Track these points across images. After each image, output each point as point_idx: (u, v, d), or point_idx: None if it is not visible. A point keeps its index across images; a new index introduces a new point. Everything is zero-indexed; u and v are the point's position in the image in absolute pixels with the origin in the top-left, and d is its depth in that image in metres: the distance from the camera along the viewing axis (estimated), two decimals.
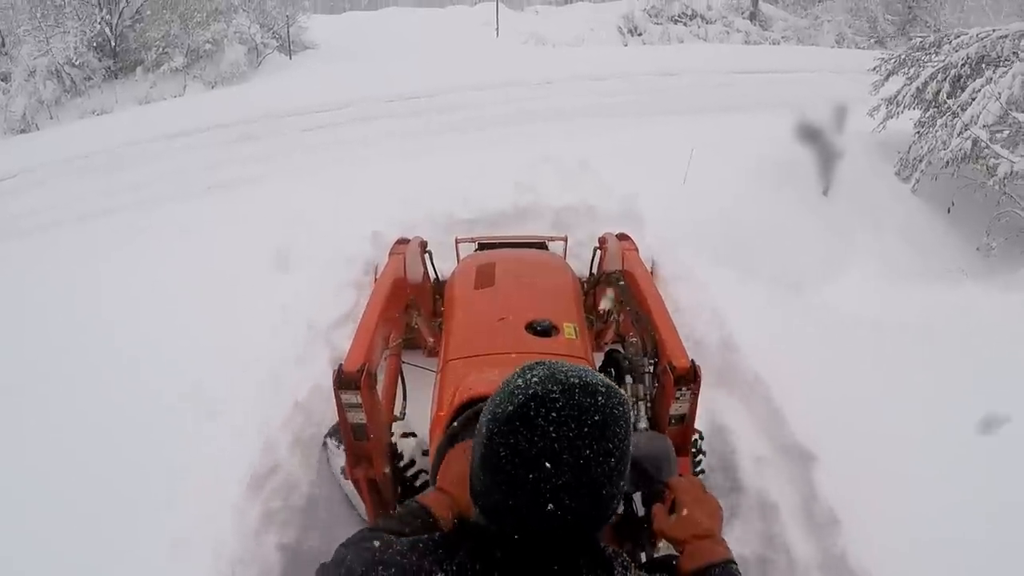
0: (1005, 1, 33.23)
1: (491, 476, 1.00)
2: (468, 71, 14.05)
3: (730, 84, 13.03)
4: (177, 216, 6.28)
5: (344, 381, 2.36)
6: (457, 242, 3.92)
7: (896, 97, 8.08)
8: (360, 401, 2.38)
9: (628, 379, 2.67)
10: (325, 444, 3.14)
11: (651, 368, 2.66)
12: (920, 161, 7.59)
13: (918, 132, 7.85)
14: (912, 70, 8.21)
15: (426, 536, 1.09)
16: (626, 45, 20.25)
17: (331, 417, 2.98)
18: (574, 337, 2.60)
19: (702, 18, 21.63)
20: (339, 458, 2.85)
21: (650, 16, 21.15)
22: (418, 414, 2.85)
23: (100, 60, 18.03)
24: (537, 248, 3.85)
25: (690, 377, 2.38)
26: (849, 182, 7.02)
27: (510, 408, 0.99)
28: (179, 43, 17.48)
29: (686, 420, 2.49)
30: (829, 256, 6.12)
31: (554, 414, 0.96)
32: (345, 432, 2.49)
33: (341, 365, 2.40)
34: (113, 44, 17.93)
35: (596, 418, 0.98)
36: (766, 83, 13.19)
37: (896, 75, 8.44)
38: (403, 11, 26.97)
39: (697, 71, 13.94)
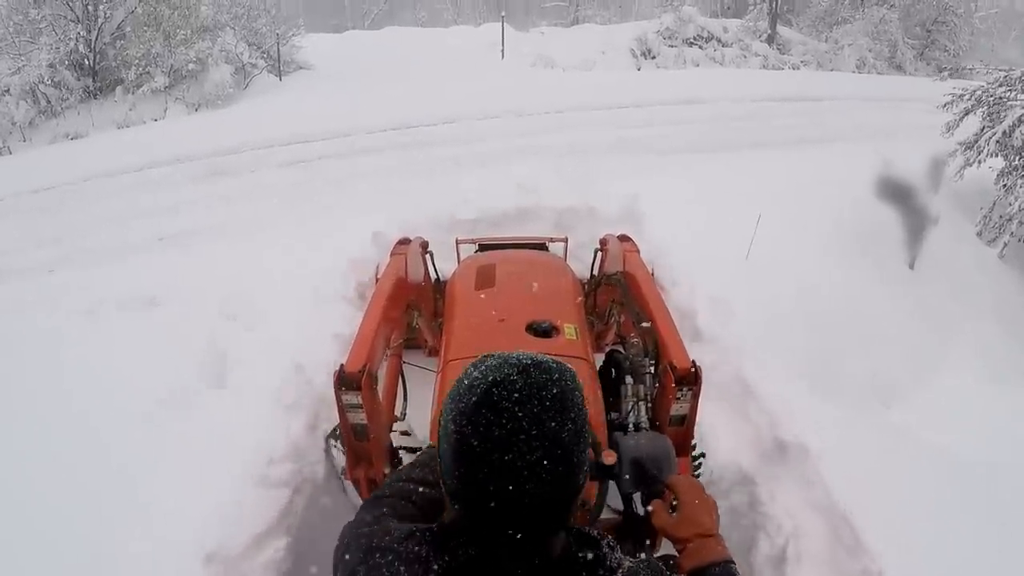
0: (1013, 22, 32.30)
1: (468, 467, 0.99)
2: (471, 97, 12.82)
3: (760, 115, 11.79)
4: (92, 291, 4.95)
5: (345, 381, 2.35)
6: (457, 243, 3.88)
7: (976, 143, 6.80)
8: (361, 401, 2.38)
9: (628, 379, 2.62)
10: (327, 444, 3.02)
11: (652, 368, 2.62)
12: (1009, 221, 6.32)
13: (1004, 185, 6.58)
14: (993, 109, 6.92)
15: (424, 526, 1.11)
16: (639, 69, 19.02)
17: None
18: (574, 338, 2.59)
19: (718, 41, 20.43)
20: (342, 459, 2.78)
21: (664, 39, 19.93)
22: (418, 414, 2.96)
23: (78, 79, 16.79)
24: (538, 249, 3.83)
25: (691, 378, 2.37)
26: (931, 248, 5.74)
27: (474, 399, 0.99)
28: (161, 62, 16.26)
29: (686, 420, 2.48)
30: (921, 353, 4.83)
31: (516, 395, 0.98)
32: (346, 432, 2.51)
33: (342, 365, 2.39)
34: (92, 62, 16.71)
35: (555, 391, 1.00)
36: (800, 113, 11.97)
37: (973, 113, 7.16)
38: (405, 31, 25.75)
39: (720, 99, 12.71)
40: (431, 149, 9.47)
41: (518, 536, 1.00)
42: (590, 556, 1.06)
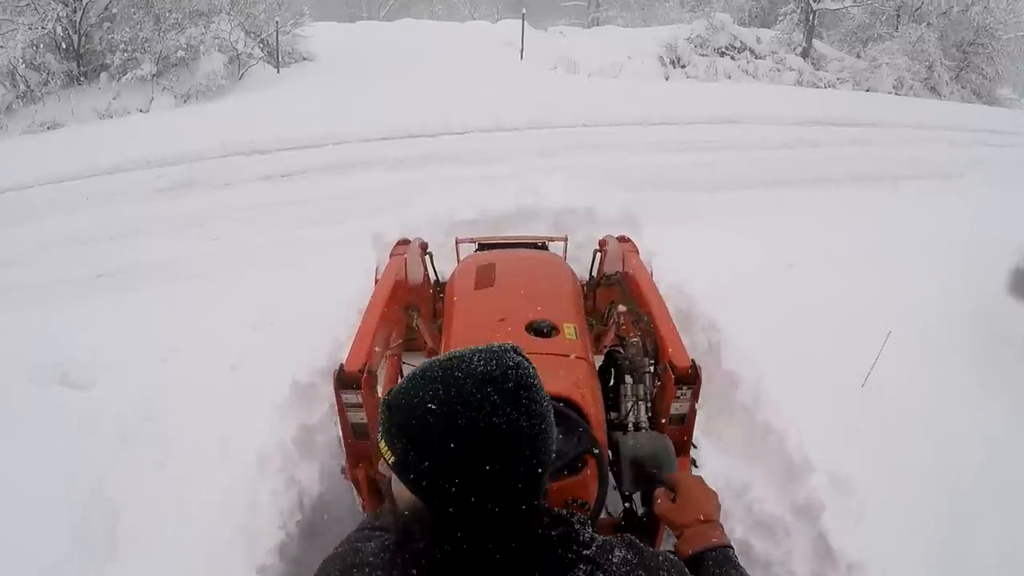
0: None
1: (428, 460, 0.92)
2: (486, 103, 11.50)
3: (807, 141, 10.49)
4: None
5: (345, 381, 2.33)
6: (457, 242, 3.84)
7: None
8: (360, 401, 2.35)
9: (628, 379, 2.54)
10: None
11: (651, 368, 2.58)
12: None
13: None
14: None
15: (390, 536, 1.08)
16: (667, 79, 17.60)
17: None
18: (574, 337, 2.54)
19: (751, 52, 18.99)
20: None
21: (695, 47, 18.50)
22: None
23: (61, 62, 15.49)
24: (537, 248, 3.75)
25: (691, 377, 2.34)
26: None
27: (433, 386, 0.94)
28: (149, 47, 14.95)
29: (686, 420, 2.43)
30: None
31: (477, 370, 0.95)
32: (345, 432, 2.48)
33: (342, 365, 2.36)
34: (76, 44, 15.39)
35: (519, 372, 0.96)
36: (850, 141, 10.71)
37: None
38: (419, 24, 24.33)
39: (762, 120, 11.40)
40: (432, 167, 8.15)
41: (485, 520, 0.95)
42: (560, 532, 1.01)
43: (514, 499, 0.95)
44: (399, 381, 1.02)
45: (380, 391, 2.69)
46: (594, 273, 3.62)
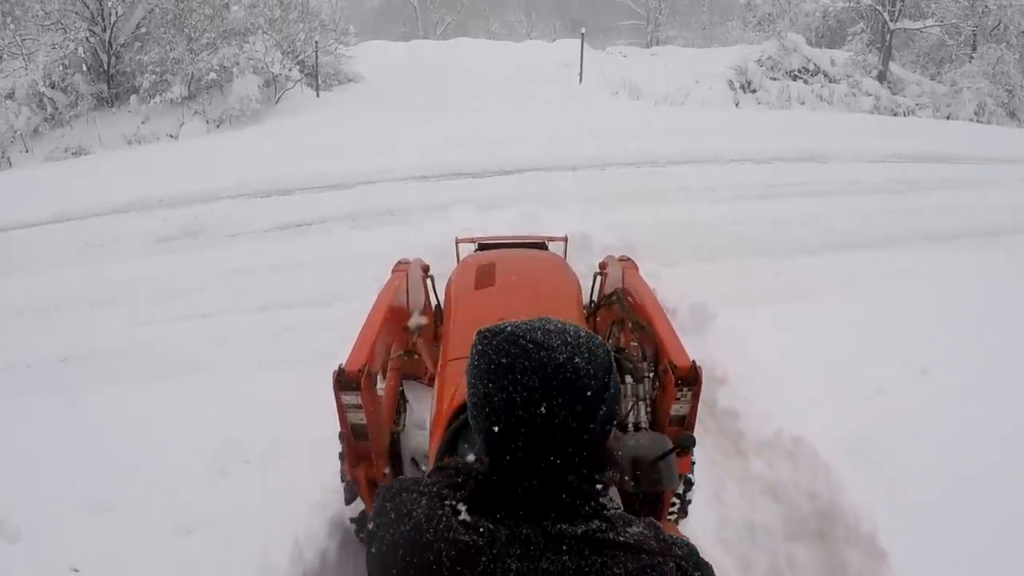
0: None
1: (479, 396, 1.02)
2: (542, 135, 10.27)
3: (907, 181, 8.99)
4: None
5: (345, 382, 2.31)
6: (457, 242, 3.85)
7: None
8: (360, 402, 2.35)
9: (628, 379, 2.47)
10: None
11: (650, 372, 2.54)
12: None
13: None
14: None
15: (451, 467, 1.15)
16: (737, 104, 16.16)
17: None
18: None
19: (825, 75, 17.41)
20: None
21: (766, 70, 17.02)
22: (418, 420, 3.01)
23: (90, 84, 14.73)
24: (537, 248, 3.75)
25: (691, 378, 2.33)
26: None
27: (495, 338, 1.02)
28: (180, 69, 14.10)
29: (687, 421, 2.42)
30: None
31: (533, 333, 1.01)
32: (345, 432, 2.46)
33: (342, 366, 2.35)
34: (107, 65, 14.63)
35: (572, 329, 1.04)
36: (953, 183, 9.15)
37: None
38: (474, 43, 23.27)
39: (846, 155, 9.96)
40: (471, 212, 6.82)
41: (532, 476, 1.02)
42: (589, 489, 1.05)
43: (560, 461, 1.02)
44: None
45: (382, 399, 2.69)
46: (595, 297, 3.52)
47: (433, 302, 3.56)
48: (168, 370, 4.21)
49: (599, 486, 1.07)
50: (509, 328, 1.01)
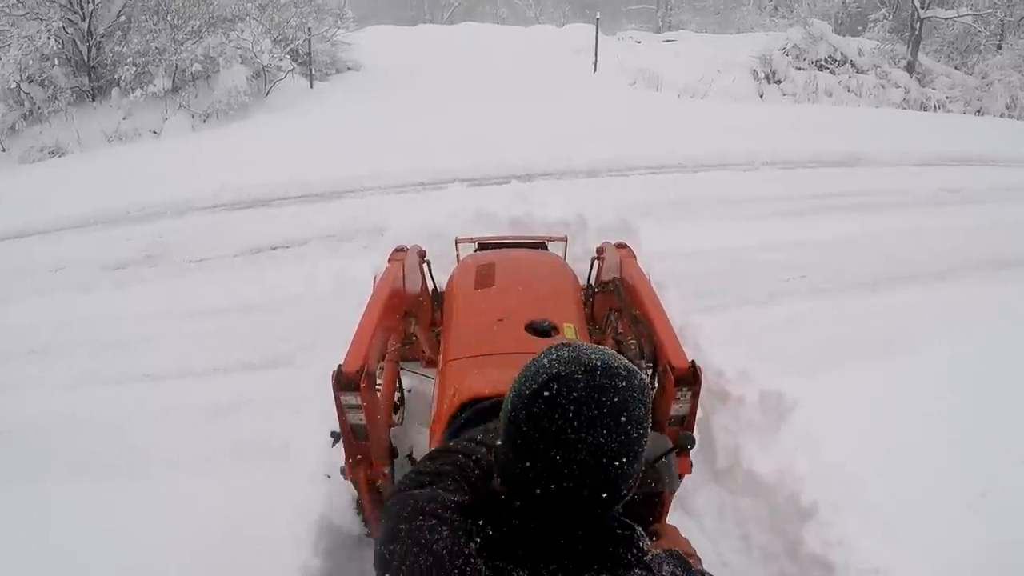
0: None
1: (513, 450, 1.00)
2: (555, 135, 9.29)
3: (959, 193, 7.98)
4: None
5: (343, 382, 2.25)
6: (457, 242, 3.79)
7: None
8: (359, 402, 2.29)
9: None
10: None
11: (647, 371, 2.48)
12: None
13: None
14: None
15: (468, 497, 1.10)
16: (762, 96, 15.06)
17: None
18: (573, 337, 2.50)
19: (852, 65, 16.29)
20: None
21: (792, 59, 15.90)
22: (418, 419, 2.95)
23: (69, 77, 13.76)
24: (537, 248, 3.71)
25: (690, 378, 2.29)
26: None
27: (534, 386, 0.98)
28: (163, 59, 13.12)
29: (686, 421, 2.39)
30: None
31: (574, 394, 0.96)
32: (345, 432, 2.40)
33: (340, 366, 2.28)
34: (87, 57, 13.65)
35: (615, 400, 0.97)
36: (1004, 192, 8.12)
37: None
38: (481, 28, 22.31)
39: (886, 158, 9.04)
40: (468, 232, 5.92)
41: (548, 523, 0.99)
42: (626, 534, 1.04)
43: (588, 516, 0.99)
44: (527, 365, 1.02)
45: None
46: (592, 281, 3.47)
47: (430, 286, 3.48)
48: (81, 463, 3.31)
49: (639, 530, 1.05)
50: (582, 381, 0.95)
